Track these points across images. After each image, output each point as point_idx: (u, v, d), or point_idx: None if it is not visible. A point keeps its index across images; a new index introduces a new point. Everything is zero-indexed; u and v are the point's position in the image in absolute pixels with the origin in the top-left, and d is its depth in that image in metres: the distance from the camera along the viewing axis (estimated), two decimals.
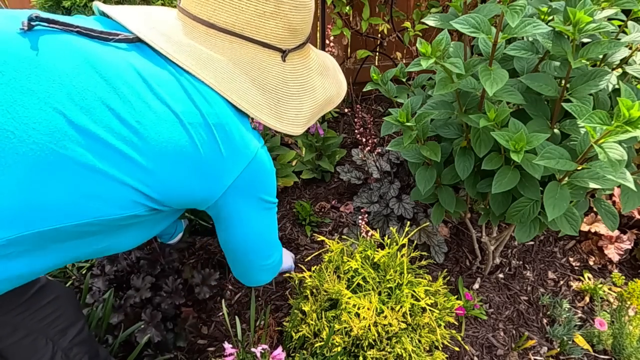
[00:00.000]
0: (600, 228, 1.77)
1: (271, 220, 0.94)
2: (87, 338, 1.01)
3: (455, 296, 1.50)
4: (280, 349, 1.13)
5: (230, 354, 1.12)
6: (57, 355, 0.93)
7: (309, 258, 1.70)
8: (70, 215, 0.66)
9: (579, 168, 1.05)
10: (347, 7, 2.03)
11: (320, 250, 1.55)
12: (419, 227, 1.67)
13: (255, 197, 0.85)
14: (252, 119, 0.86)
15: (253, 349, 1.11)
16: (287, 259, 1.41)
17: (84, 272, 1.54)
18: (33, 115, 0.63)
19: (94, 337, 1.08)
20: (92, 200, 0.67)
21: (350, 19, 2.13)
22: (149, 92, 0.70)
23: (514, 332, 1.58)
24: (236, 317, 1.36)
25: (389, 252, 1.29)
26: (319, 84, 0.91)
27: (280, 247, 1.08)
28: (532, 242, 1.88)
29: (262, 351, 1.11)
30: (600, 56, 1.14)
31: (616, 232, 1.77)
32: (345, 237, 1.75)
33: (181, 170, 0.72)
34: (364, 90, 1.44)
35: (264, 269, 1.03)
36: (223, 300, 1.41)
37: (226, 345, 1.13)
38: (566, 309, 1.60)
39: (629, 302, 1.56)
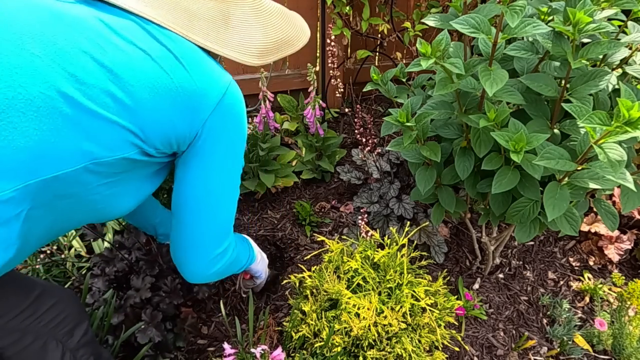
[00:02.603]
0: (600, 228, 1.77)
1: (231, 194, 0.92)
2: (92, 339, 1.02)
3: (455, 296, 1.50)
4: (279, 349, 1.13)
5: (230, 355, 1.12)
6: (66, 357, 0.93)
7: (309, 257, 1.70)
8: (67, 160, 0.68)
9: (579, 168, 1.05)
10: (347, 7, 2.03)
11: (320, 250, 1.55)
12: (419, 227, 1.67)
13: (228, 143, 0.86)
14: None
15: (253, 350, 1.11)
16: (261, 266, 1.36)
17: (83, 272, 1.54)
18: (12, 60, 0.64)
19: (96, 338, 1.08)
20: (84, 142, 0.69)
21: (350, 19, 2.13)
22: (114, 36, 0.73)
23: (514, 332, 1.58)
24: (236, 318, 1.36)
25: (389, 252, 1.29)
26: (270, 23, 0.91)
27: (232, 249, 1.01)
28: (532, 242, 1.88)
29: (262, 352, 1.11)
30: (600, 56, 1.14)
31: (616, 232, 1.77)
32: (345, 237, 1.75)
33: (160, 102, 0.75)
34: (364, 90, 1.44)
35: (211, 260, 0.95)
36: (221, 301, 1.41)
37: (225, 345, 1.13)
38: (566, 309, 1.60)
39: (629, 302, 1.56)
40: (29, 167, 0.65)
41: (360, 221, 1.57)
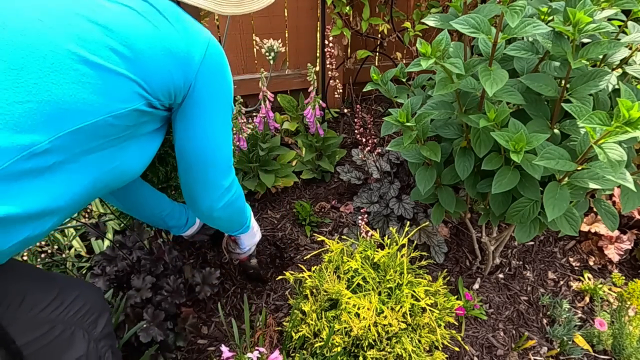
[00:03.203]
0: (600, 228, 1.77)
1: (228, 135, 1.02)
2: (111, 331, 1.06)
3: (455, 296, 1.50)
4: (277, 352, 1.12)
5: (228, 358, 1.12)
6: (91, 346, 0.96)
7: (309, 257, 1.70)
8: (88, 112, 0.75)
9: (579, 168, 1.05)
10: (347, 7, 2.03)
11: (320, 250, 1.55)
12: (419, 227, 1.67)
13: (219, 90, 0.93)
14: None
15: (249, 354, 1.10)
16: (254, 239, 1.42)
17: (84, 272, 1.54)
18: (20, 25, 0.71)
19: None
20: (99, 95, 0.75)
21: (350, 19, 2.13)
22: None
23: (514, 332, 1.58)
24: (232, 320, 1.36)
25: (389, 252, 1.29)
26: None
27: (237, 187, 1.11)
28: (532, 242, 1.88)
29: (259, 355, 1.10)
30: (600, 56, 1.14)
31: (616, 232, 1.77)
32: (345, 237, 1.76)
33: (157, 53, 0.81)
34: (364, 90, 1.44)
35: (222, 194, 1.06)
36: (219, 303, 1.40)
37: (223, 348, 1.12)
38: (566, 309, 1.60)
39: (629, 303, 1.56)
40: (56, 119, 0.72)
41: (360, 221, 1.57)
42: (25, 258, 1.50)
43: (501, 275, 1.74)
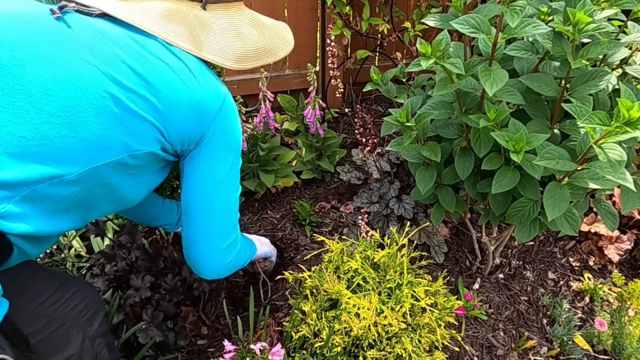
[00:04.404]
0: (600, 228, 1.77)
1: (233, 187, 1.04)
2: (107, 330, 1.08)
3: (455, 296, 1.50)
4: (279, 345, 1.13)
5: (230, 351, 1.13)
6: (86, 343, 0.99)
7: (309, 257, 1.70)
8: (114, 150, 0.82)
9: (579, 168, 1.05)
10: (347, 7, 2.03)
11: (320, 250, 1.55)
12: (419, 227, 1.67)
13: (228, 141, 0.99)
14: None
15: (252, 346, 1.11)
16: (266, 248, 1.46)
17: (84, 272, 1.54)
18: (77, 67, 0.79)
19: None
20: (126, 137, 0.83)
21: (351, 19, 2.13)
22: (144, 51, 0.87)
23: (514, 332, 1.58)
24: (237, 317, 1.36)
25: (389, 252, 1.29)
26: (249, 33, 1.03)
27: (241, 241, 1.13)
28: (532, 242, 1.88)
29: (262, 348, 1.11)
30: (600, 56, 1.14)
31: (616, 233, 1.77)
32: (345, 237, 1.76)
33: (180, 107, 0.89)
34: (364, 90, 1.44)
35: (224, 252, 1.06)
36: (225, 300, 1.40)
37: (226, 342, 1.13)
38: (566, 309, 1.60)
39: (629, 303, 1.56)
40: (89, 154, 0.79)
41: (360, 221, 1.57)
42: None
43: (501, 275, 1.74)
